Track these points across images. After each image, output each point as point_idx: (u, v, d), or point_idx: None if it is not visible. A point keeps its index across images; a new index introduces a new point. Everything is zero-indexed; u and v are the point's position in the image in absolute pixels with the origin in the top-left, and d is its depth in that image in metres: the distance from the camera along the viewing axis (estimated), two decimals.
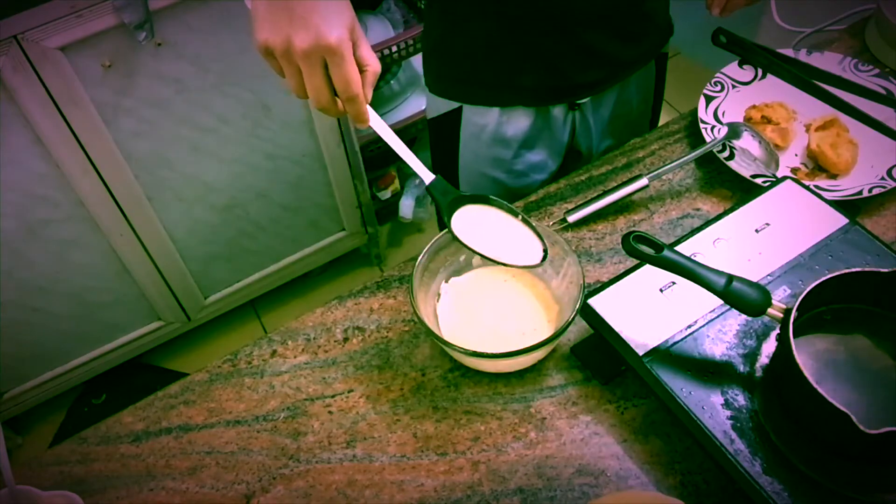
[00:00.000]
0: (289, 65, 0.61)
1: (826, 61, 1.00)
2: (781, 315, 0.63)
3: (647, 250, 0.67)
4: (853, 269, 0.64)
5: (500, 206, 0.71)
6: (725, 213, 0.79)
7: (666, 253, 0.66)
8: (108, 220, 1.47)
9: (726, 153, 0.91)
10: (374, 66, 0.64)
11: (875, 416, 0.61)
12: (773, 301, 0.64)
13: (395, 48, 1.65)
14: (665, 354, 0.69)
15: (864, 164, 0.90)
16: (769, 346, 0.69)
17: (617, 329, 0.70)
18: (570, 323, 0.70)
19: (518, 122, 0.98)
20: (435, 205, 0.70)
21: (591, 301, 0.72)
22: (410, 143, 2.01)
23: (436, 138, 1.07)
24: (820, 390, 0.57)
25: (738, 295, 0.64)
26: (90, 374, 1.76)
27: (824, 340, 0.67)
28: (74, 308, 1.59)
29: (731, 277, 0.64)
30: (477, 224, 0.70)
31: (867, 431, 0.55)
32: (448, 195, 0.70)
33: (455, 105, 0.99)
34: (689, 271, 0.66)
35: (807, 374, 0.58)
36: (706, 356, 0.69)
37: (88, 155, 1.36)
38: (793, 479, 0.61)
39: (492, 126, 0.98)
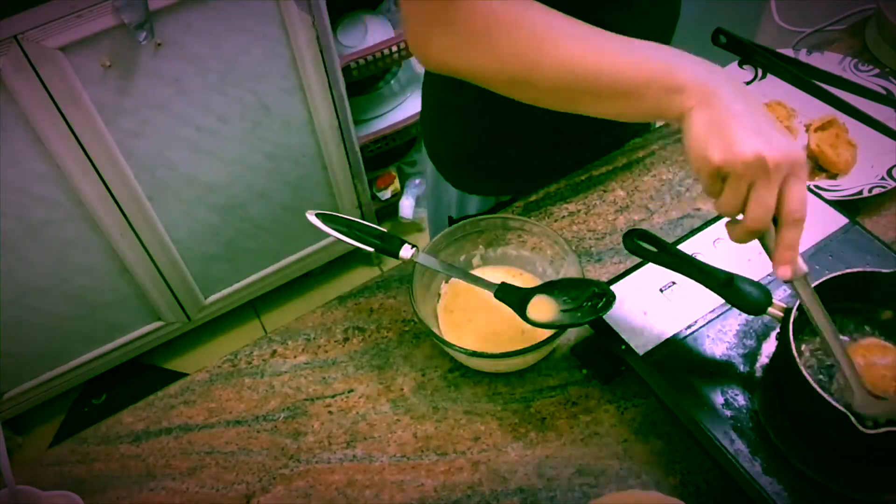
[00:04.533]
0: (741, 182, 0.54)
1: (826, 61, 0.99)
2: (782, 314, 0.63)
3: (648, 248, 0.67)
4: (853, 269, 0.64)
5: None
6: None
7: (668, 251, 0.66)
8: (108, 220, 1.48)
9: None
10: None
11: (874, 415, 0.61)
12: (774, 300, 0.64)
13: (395, 48, 1.65)
14: (665, 354, 0.69)
15: (864, 164, 0.90)
16: (769, 346, 0.69)
17: (617, 329, 0.70)
18: None
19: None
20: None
21: None
22: (410, 144, 2.01)
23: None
24: (818, 389, 0.57)
25: (738, 293, 0.64)
26: (90, 374, 1.76)
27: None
28: (74, 308, 1.59)
29: (731, 276, 0.64)
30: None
31: (865, 431, 0.55)
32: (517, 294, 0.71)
33: (505, 197, 0.99)
34: (691, 269, 0.66)
35: (806, 373, 0.58)
36: (706, 356, 0.69)
37: (88, 155, 1.36)
38: (793, 479, 0.61)
39: None
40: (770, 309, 0.64)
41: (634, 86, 0.59)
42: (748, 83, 1.00)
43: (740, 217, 0.57)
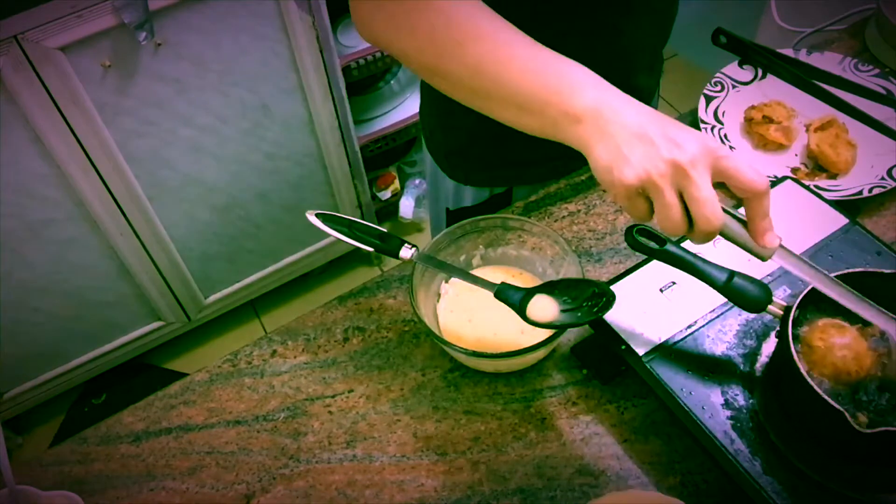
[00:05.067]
0: (667, 193, 0.52)
1: (826, 61, 1.00)
2: (781, 312, 0.63)
3: (649, 244, 0.67)
4: (853, 269, 0.64)
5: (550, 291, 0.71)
6: (726, 212, 0.79)
7: (668, 247, 0.66)
8: (108, 220, 1.48)
9: None
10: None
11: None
12: (774, 298, 0.64)
13: None
14: (665, 354, 0.69)
15: (864, 164, 0.90)
16: (769, 346, 0.69)
17: (617, 329, 0.70)
18: None
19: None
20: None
21: None
22: (410, 144, 2.01)
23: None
24: (816, 388, 0.57)
25: (738, 291, 0.64)
26: (90, 374, 1.76)
27: None
28: (74, 308, 1.59)
29: (732, 273, 0.64)
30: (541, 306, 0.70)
31: (862, 430, 0.55)
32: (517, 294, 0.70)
33: (500, 189, 0.99)
34: (691, 266, 0.65)
35: (805, 373, 0.58)
36: (706, 356, 0.69)
37: (88, 155, 1.36)
38: (793, 479, 0.61)
39: None
40: (770, 307, 0.64)
41: (533, 104, 0.57)
42: (748, 83, 1.00)
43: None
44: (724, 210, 0.55)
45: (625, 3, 0.80)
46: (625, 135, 0.53)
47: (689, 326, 0.71)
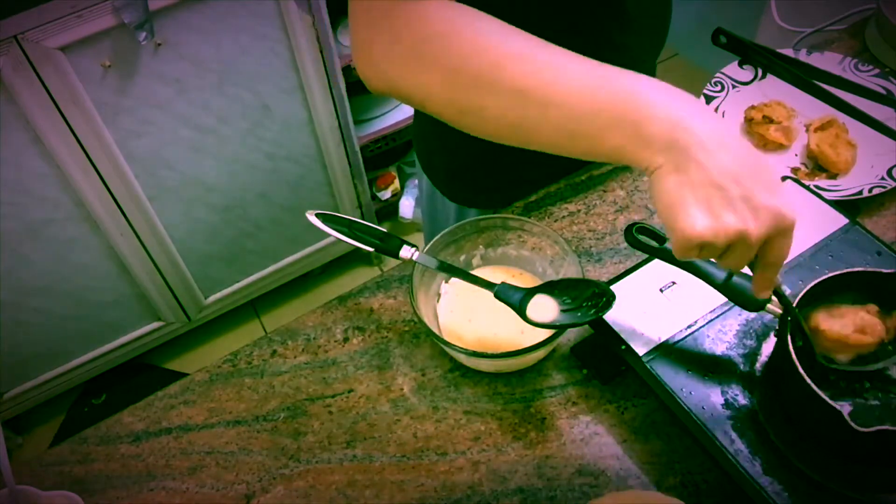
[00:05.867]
0: (719, 249, 0.49)
1: (826, 61, 1.00)
2: (780, 311, 0.64)
3: (649, 242, 0.67)
4: (853, 269, 0.64)
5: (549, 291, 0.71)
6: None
7: (668, 245, 0.66)
8: (108, 220, 1.48)
9: None
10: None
11: (874, 416, 0.61)
12: (773, 298, 0.64)
13: None
14: (665, 354, 0.69)
15: (864, 164, 0.90)
16: (769, 346, 0.69)
17: (617, 329, 0.70)
18: None
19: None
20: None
21: None
22: (410, 144, 2.01)
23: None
24: (813, 386, 0.57)
25: (738, 289, 0.64)
26: (90, 374, 1.76)
27: None
28: (74, 308, 1.60)
29: (731, 272, 0.64)
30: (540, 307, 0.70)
31: (859, 430, 0.55)
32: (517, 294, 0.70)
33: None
34: (691, 264, 0.66)
35: (803, 372, 0.58)
36: (706, 356, 0.69)
37: (88, 155, 1.36)
38: (793, 479, 0.61)
39: None
40: (769, 306, 0.64)
41: (591, 129, 0.51)
42: (748, 83, 1.00)
43: None
44: None
45: (625, 20, 0.80)
46: (701, 178, 0.47)
47: (689, 326, 0.71)
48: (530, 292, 0.69)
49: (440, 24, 0.54)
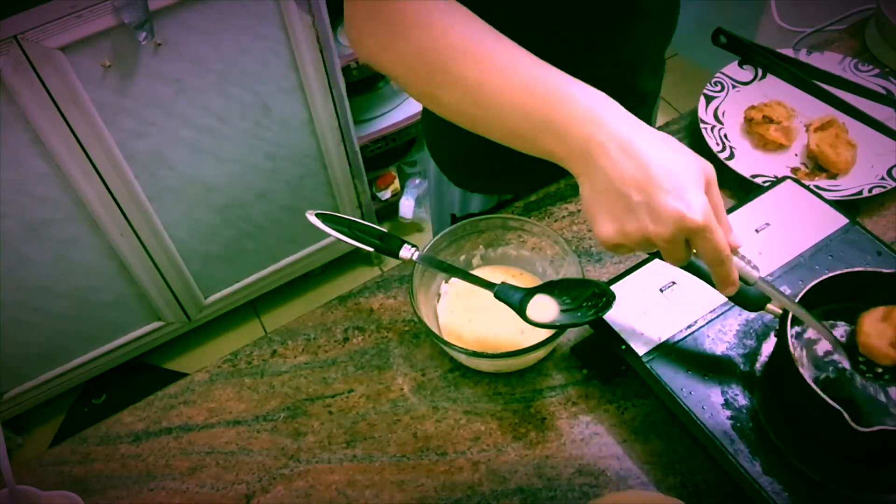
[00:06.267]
0: (647, 249, 0.55)
1: (826, 61, 1.00)
2: (780, 310, 0.64)
3: None
4: (853, 269, 0.64)
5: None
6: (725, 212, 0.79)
7: None
8: (108, 220, 1.48)
9: (726, 153, 0.91)
10: (734, 241, 0.56)
11: (873, 416, 0.61)
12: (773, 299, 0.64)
13: None
14: (665, 354, 0.69)
15: (864, 164, 0.90)
16: (769, 347, 0.69)
17: (617, 329, 0.70)
18: None
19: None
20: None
21: None
22: (410, 144, 2.01)
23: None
24: (813, 386, 0.57)
25: (737, 290, 0.64)
26: (90, 374, 1.76)
27: (823, 340, 0.67)
28: (74, 308, 1.60)
29: None
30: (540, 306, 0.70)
31: (859, 429, 0.55)
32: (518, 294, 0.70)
33: (508, 196, 0.98)
34: (691, 264, 0.65)
35: (802, 371, 0.58)
36: (706, 356, 0.69)
37: (88, 155, 1.36)
38: (793, 479, 0.61)
39: None
40: (769, 306, 0.64)
41: (526, 128, 0.55)
42: (748, 83, 1.00)
43: None
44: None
45: (632, 9, 0.80)
46: (606, 187, 0.52)
47: (689, 326, 0.71)
48: (530, 292, 0.69)
49: (414, 14, 0.57)
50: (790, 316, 0.62)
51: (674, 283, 0.73)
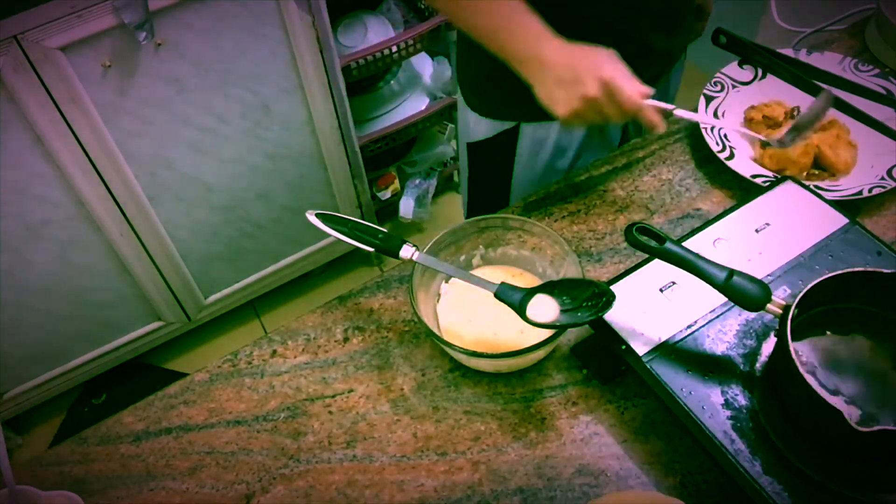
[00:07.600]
0: (593, 114, 0.74)
1: (826, 61, 1.00)
2: (780, 311, 0.63)
3: (649, 242, 0.67)
4: (853, 269, 0.64)
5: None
6: (725, 213, 0.79)
7: (668, 245, 0.66)
8: (108, 220, 1.47)
9: (726, 153, 0.91)
10: (645, 90, 0.75)
11: (873, 416, 0.61)
12: (773, 297, 0.64)
13: (395, 48, 1.65)
14: (665, 354, 0.69)
15: (864, 164, 0.90)
16: (769, 347, 0.69)
17: (617, 329, 0.70)
18: None
19: (578, 129, 0.98)
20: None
21: None
22: (410, 144, 2.01)
23: (482, 159, 1.07)
24: (813, 386, 0.57)
25: (738, 289, 0.64)
26: (90, 374, 1.76)
27: (823, 340, 0.67)
28: (74, 308, 1.59)
29: (731, 272, 0.64)
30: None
31: (859, 429, 0.55)
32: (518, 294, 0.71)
33: (511, 124, 0.99)
34: (691, 264, 0.66)
35: (802, 371, 0.58)
36: (706, 356, 0.69)
37: (88, 155, 1.36)
38: (793, 479, 0.61)
39: (552, 138, 0.98)
40: (769, 305, 0.64)
41: (494, 46, 0.79)
42: (748, 83, 1.00)
43: None
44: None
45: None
46: (550, 80, 0.75)
47: (689, 326, 0.71)
48: (530, 292, 0.69)
49: None
50: (790, 315, 0.62)
51: (674, 283, 0.73)
